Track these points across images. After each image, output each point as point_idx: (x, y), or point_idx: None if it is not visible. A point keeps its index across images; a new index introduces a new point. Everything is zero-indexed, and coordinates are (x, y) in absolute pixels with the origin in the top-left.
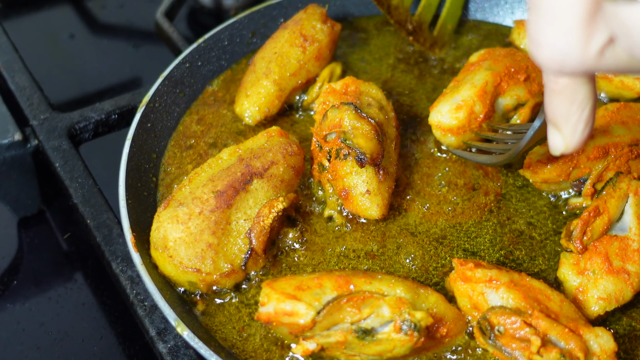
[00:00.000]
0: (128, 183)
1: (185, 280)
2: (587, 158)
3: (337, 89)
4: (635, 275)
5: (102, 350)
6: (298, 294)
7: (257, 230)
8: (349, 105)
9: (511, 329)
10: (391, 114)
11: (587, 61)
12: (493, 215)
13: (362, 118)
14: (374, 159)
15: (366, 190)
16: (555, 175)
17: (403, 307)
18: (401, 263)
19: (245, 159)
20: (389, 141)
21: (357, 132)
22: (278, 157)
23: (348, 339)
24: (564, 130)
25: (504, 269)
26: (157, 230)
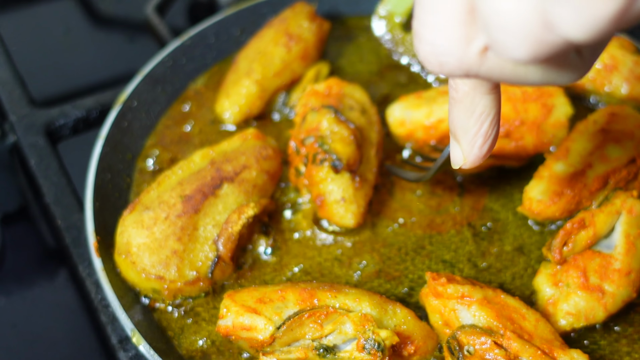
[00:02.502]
0: (97, 184)
1: (148, 287)
2: (589, 192)
3: (319, 90)
4: (610, 296)
5: (73, 354)
6: (259, 307)
7: (225, 237)
8: (328, 108)
9: (481, 349)
10: (374, 118)
11: (467, 62)
12: (474, 228)
13: (341, 122)
14: (350, 165)
15: (341, 198)
16: (559, 214)
17: (367, 324)
18: (375, 273)
19: (217, 162)
20: (370, 146)
21: (335, 137)
22: (251, 160)
23: (309, 356)
24: (462, 142)
25: (479, 285)
26: (121, 235)
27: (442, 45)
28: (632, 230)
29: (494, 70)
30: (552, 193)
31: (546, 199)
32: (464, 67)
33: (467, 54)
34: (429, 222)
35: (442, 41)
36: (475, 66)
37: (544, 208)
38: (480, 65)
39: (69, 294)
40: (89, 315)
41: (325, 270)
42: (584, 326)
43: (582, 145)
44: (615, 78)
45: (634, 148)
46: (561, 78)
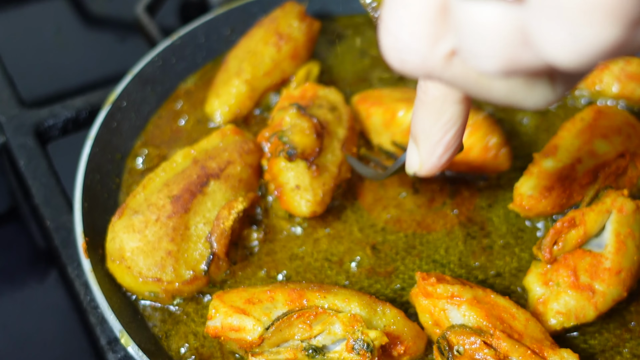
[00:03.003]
0: (86, 185)
1: (145, 290)
2: (579, 186)
3: (294, 94)
4: (600, 295)
5: (63, 355)
6: (247, 307)
7: (218, 233)
8: (293, 105)
9: (470, 349)
10: (345, 116)
11: (430, 64)
12: (465, 227)
13: (302, 116)
14: (306, 154)
15: (295, 186)
16: (550, 209)
17: (356, 324)
18: (365, 273)
19: (200, 160)
20: (335, 141)
21: (295, 130)
22: (234, 156)
23: (298, 357)
24: (421, 148)
25: (469, 285)
26: (113, 241)
27: (406, 41)
28: (622, 229)
29: (458, 77)
30: (542, 188)
31: (537, 194)
32: (427, 69)
33: (432, 55)
34: (419, 221)
35: (406, 36)
36: (438, 69)
37: (535, 203)
38: (444, 70)
39: (59, 295)
40: (79, 316)
41: (315, 270)
42: (575, 325)
43: (569, 141)
44: (607, 77)
45: (622, 144)
46: (526, 100)
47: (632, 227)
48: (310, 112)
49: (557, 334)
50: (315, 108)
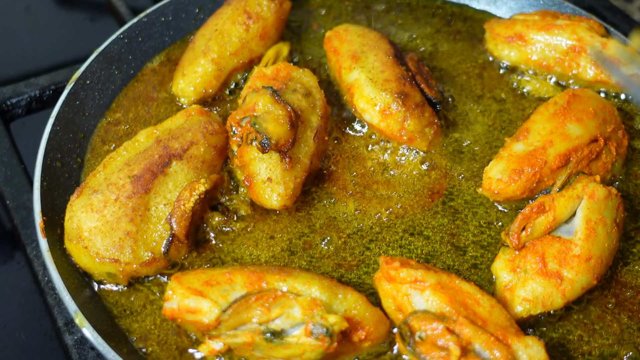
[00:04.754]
0: (46, 164)
1: (103, 271)
2: (550, 170)
3: (267, 73)
4: (569, 282)
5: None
6: (205, 289)
7: (178, 214)
8: (266, 89)
9: (433, 335)
10: (319, 103)
11: None
12: (437, 212)
13: (277, 102)
14: (280, 145)
15: (267, 178)
16: (519, 194)
17: (316, 309)
18: (331, 258)
19: (163, 140)
20: (309, 130)
21: (268, 117)
22: (198, 136)
23: (255, 341)
24: None
25: (433, 270)
26: (71, 221)
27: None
28: (593, 216)
29: None
30: (511, 171)
31: (505, 177)
32: None
33: None
34: (389, 207)
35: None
36: None
37: (504, 187)
38: None
39: (22, 276)
40: (40, 297)
41: (280, 254)
42: (542, 313)
43: (541, 125)
44: (583, 60)
45: (596, 128)
46: None
47: (603, 214)
48: (284, 97)
49: (524, 322)
50: (290, 92)
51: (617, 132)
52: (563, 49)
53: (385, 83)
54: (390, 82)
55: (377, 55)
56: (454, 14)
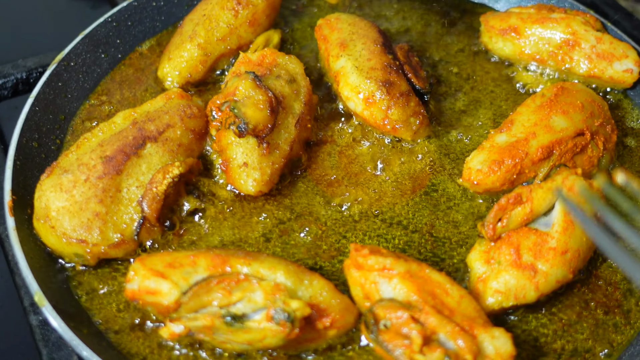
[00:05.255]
0: (22, 143)
1: (70, 252)
2: (531, 161)
3: (252, 59)
4: (543, 275)
5: None
6: (167, 271)
7: (150, 197)
8: (248, 73)
9: (397, 324)
10: (303, 90)
11: None
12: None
13: (258, 87)
14: (257, 130)
15: (244, 163)
16: (499, 185)
17: (278, 294)
18: (306, 245)
19: (140, 122)
20: (290, 117)
21: (248, 102)
22: (175, 119)
23: (216, 324)
24: None
25: (403, 258)
26: (39, 200)
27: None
28: None
29: None
30: (491, 162)
31: (485, 168)
32: None
33: None
34: (370, 197)
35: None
36: None
37: (483, 177)
38: None
39: None
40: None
41: (254, 241)
42: (515, 306)
43: (526, 116)
44: (577, 54)
45: (583, 121)
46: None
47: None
48: (267, 82)
49: (496, 314)
50: (273, 78)
51: (605, 126)
52: (557, 43)
53: (370, 71)
54: (376, 71)
55: (365, 43)
56: (453, 6)
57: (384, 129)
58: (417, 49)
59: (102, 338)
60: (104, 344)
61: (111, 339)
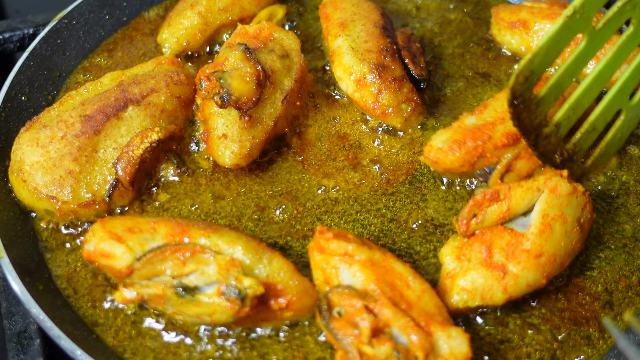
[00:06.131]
0: (10, 95)
1: (41, 207)
2: (494, 146)
3: (249, 31)
4: (512, 277)
5: None
6: (125, 235)
7: (125, 160)
8: (240, 45)
9: (350, 312)
10: (296, 67)
11: None
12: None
13: (247, 60)
14: (240, 102)
15: (223, 134)
16: (458, 166)
17: (232, 269)
18: (278, 224)
19: (125, 84)
20: (278, 92)
21: (235, 73)
22: (160, 84)
23: (167, 294)
24: None
25: (368, 245)
26: (15, 153)
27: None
28: (551, 211)
29: None
30: (453, 142)
31: (446, 147)
32: None
33: None
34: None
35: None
36: None
37: (442, 156)
38: None
39: None
40: None
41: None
42: (481, 306)
43: (501, 102)
44: None
45: None
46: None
47: (564, 211)
48: (258, 55)
49: (461, 313)
50: (265, 52)
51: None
52: None
53: (365, 53)
54: (371, 53)
55: (365, 25)
56: None
57: (373, 113)
58: (423, 35)
59: (58, 296)
60: (59, 302)
61: (67, 298)
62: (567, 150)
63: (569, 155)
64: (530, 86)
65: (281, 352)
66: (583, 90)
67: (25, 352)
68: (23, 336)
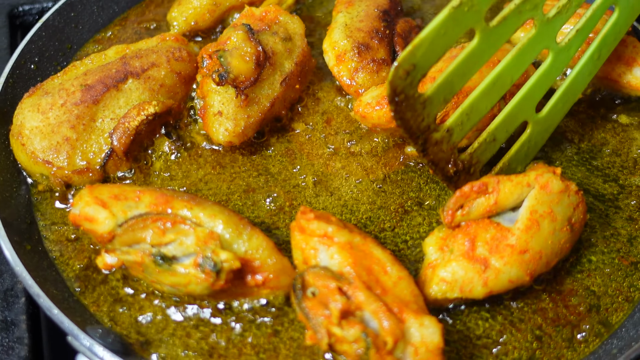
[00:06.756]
0: (19, 63)
1: (37, 171)
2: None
3: (255, 13)
4: (494, 271)
5: None
6: (110, 202)
7: (121, 130)
8: (244, 25)
9: (324, 293)
10: (298, 50)
11: None
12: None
13: (248, 40)
14: (238, 81)
15: (218, 111)
16: (385, 121)
17: (210, 242)
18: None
19: (127, 57)
20: (278, 74)
21: (236, 52)
22: (162, 59)
23: (145, 262)
24: None
25: (349, 228)
26: (17, 117)
27: None
28: (540, 207)
29: None
30: (381, 97)
31: (374, 102)
32: None
33: None
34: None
35: None
36: None
37: (370, 111)
38: None
39: None
40: None
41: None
42: (460, 299)
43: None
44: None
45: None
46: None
47: (553, 208)
48: (260, 37)
49: (440, 304)
50: (268, 34)
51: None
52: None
53: (355, 31)
54: (360, 32)
55: (368, 6)
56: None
57: (349, 90)
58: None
59: (45, 258)
60: (44, 263)
61: (54, 260)
62: (462, 160)
63: (465, 166)
64: (413, 82)
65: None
66: (478, 94)
67: (10, 309)
68: (9, 294)
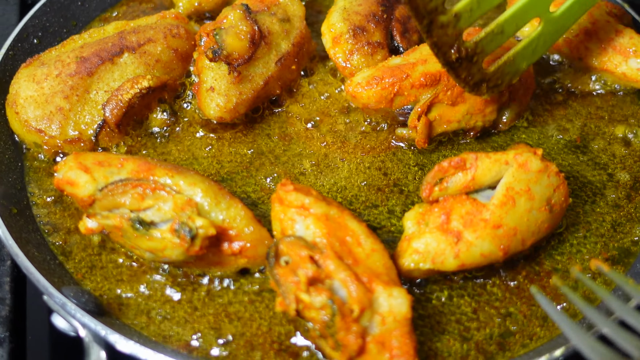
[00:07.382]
0: (22, 36)
1: (30, 140)
2: (411, 85)
3: None
4: (466, 244)
5: None
6: (93, 167)
7: (114, 102)
8: (241, 5)
9: (295, 261)
10: (296, 32)
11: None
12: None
13: (245, 19)
14: (231, 58)
15: (211, 87)
16: (374, 101)
17: (187, 208)
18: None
19: (125, 32)
20: (273, 54)
21: (232, 30)
22: (159, 35)
23: (124, 226)
24: None
25: (327, 201)
26: (13, 86)
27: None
28: (517, 185)
29: None
30: (371, 78)
31: (364, 82)
32: None
33: None
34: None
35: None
36: None
37: (360, 91)
38: None
39: None
40: None
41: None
42: (432, 270)
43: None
44: (592, 44)
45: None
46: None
47: (531, 187)
48: (257, 17)
49: (413, 277)
50: (266, 15)
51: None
52: (574, 29)
53: (352, 14)
54: (358, 15)
55: None
56: None
57: (344, 72)
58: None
59: (31, 222)
60: (30, 227)
61: (40, 224)
62: (466, 48)
63: (468, 54)
64: None
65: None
66: None
67: None
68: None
